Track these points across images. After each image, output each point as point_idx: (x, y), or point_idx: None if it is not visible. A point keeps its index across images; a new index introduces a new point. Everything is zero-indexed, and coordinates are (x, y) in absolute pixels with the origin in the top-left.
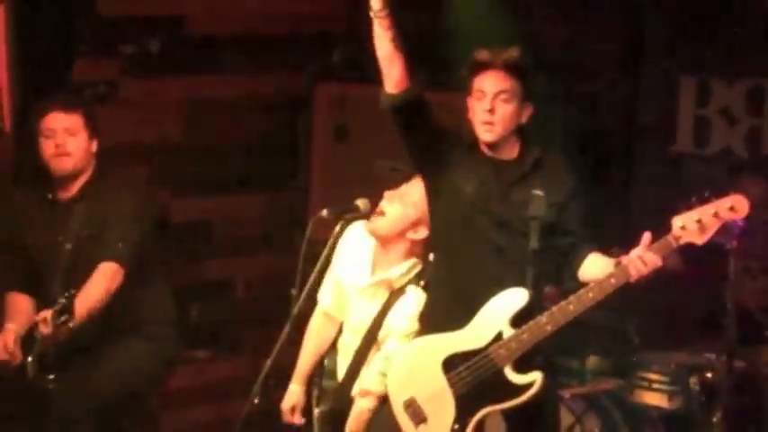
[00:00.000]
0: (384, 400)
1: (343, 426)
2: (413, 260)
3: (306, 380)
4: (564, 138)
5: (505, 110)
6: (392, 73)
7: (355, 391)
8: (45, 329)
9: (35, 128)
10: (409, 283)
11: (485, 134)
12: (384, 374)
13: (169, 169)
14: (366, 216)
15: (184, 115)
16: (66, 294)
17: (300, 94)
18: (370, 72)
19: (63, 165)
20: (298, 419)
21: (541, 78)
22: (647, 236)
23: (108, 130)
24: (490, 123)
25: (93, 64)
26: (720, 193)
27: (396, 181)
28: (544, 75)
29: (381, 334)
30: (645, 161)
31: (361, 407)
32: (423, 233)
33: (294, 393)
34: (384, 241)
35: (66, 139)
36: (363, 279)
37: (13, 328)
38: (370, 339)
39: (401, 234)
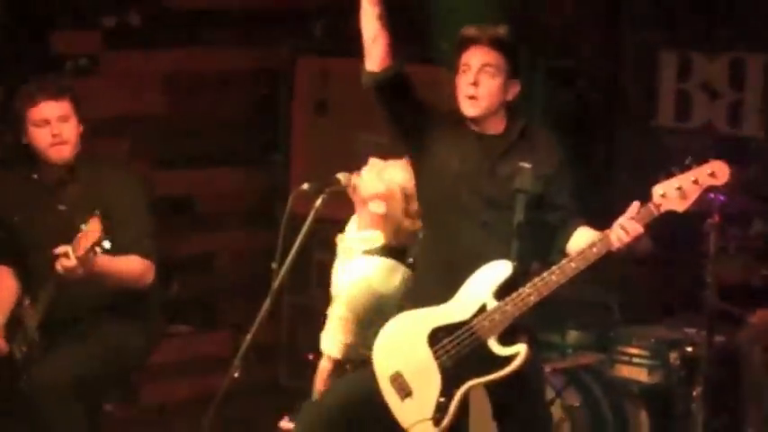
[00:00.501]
0: (343, 366)
1: None
2: (374, 232)
3: None
4: (544, 112)
5: (490, 84)
6: (375, 51)
7: None
8: (66, 263)
9: (21, 114)
10: (365, 253)
11: (469, 108)
12: (334, 337)
13: (150, 143)
14: (345, 189)
15: (165, 89)
16: (95, 213)
17: (281, 69)
18: (351, 46)
19: (62, 153)
20: None
21: (524, 53)
22: (635, 204)
23: (89, 104)
24: (474, 98)
25: (74, 37)
26: (701, 160)
27: (383, 153)
28: (526, 49)
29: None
30: (626, 135)
31: (321, 367)
32: (380, 208)
33: None
34: (356, 202)
35: (62, 128)
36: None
37: None
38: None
39: (364, 201)
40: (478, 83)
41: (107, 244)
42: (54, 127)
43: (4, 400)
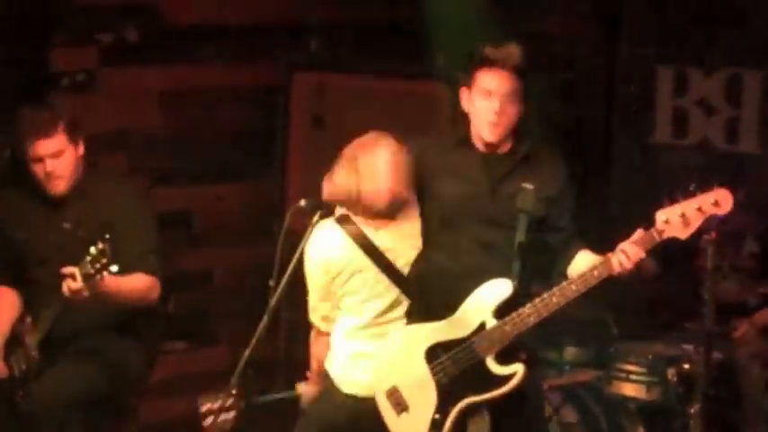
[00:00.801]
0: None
1: None
2: None
3: None
4: (541, 127)
5: (512, 111)
6: None
7: None
8: (73, 285)
9: (20, 144)
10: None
11: (489, 135)
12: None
13: (147, 159)
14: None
15: (162, 104)
16: (104, 238)
17: (278, 84)
18: (347, 61)
19: (56, 188)
20: None
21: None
22: (639, 232)
23: (86, 120)
24: (497, 125)
25: (71, 53)
26: (704, 186)
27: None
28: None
29: None
30: (623, 152)
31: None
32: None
33: None
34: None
35: (55, 164)
36: None
37: None
38: None
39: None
40: (505, 111)
41: (114, 268)
42: (47, 164)
43: (1, 418)
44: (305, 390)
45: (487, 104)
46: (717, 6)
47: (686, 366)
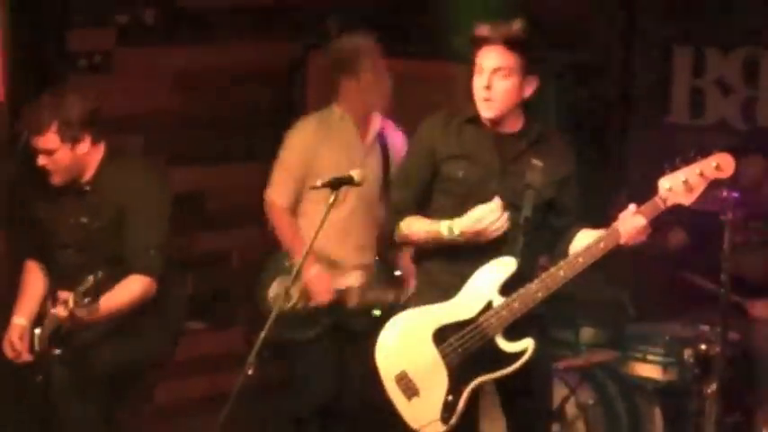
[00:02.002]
0: None
1: None
2: None
3: None
4: (558, 109)
5: (504, 86)
6: None
7: None
8: (62, 312)
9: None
10: None
11: (485, 111)
12: None
13: (163, 140)
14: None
15: (179, 86)
16: (94, 276)
17: (294, 64)
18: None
19: (53, 180)
20: None
21: (542, 48)
22: (632, 206)
23: (103, 102)
24: (488, 100)
25: (88, 34)
26: (705, 153)
27: None
28: (544, 45)
29: None
30: (640, 132)
31: None
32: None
33: None
34: None
35: (46, 160)
36: None
37: (20, 324)
38: None
39: None
40: (491, 86)
41: (96, 306)
42: (41, 159)
43: (18, 397)
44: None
45: (479, 80)
46: None
47: (703, 347)
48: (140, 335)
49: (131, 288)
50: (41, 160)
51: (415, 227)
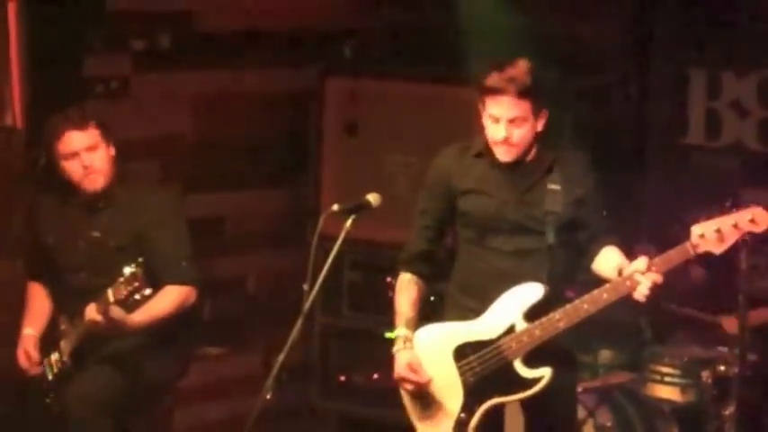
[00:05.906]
0: None
1: None
2: None
3: None
4: (574, 133)
5: (520, 133)
6: None
7: None
8: (93, 314)
9: (51, 150)
10: None
11: (503, 156)
12: None
13: (180, 165)
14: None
15: (195, 111)
16: (137, 263)
17: (311, 90)
18: (381, 66)
19: (95, 184)
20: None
21: (554, 74)
22: (642, 258)
23: (119, 126)
24: (507, 149)
25: (105, 60)
26: (740, 201)
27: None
28: (556, 71)
29: None
30: (656, 155)
31: None
32: None
33: None
34: None
35: (92, 158)
36: None
37: (33, 334)
38: None
39: None
40: (511, 136)
41: (148, 291)
42: (83, 158)
43: (32, 418)
44: None
45: (495, 129)
46: (748, 9)
47: (721, 368)
48: (152, 356)
49: (171, 297)
50: (85, 160)
51: (396, 296)
